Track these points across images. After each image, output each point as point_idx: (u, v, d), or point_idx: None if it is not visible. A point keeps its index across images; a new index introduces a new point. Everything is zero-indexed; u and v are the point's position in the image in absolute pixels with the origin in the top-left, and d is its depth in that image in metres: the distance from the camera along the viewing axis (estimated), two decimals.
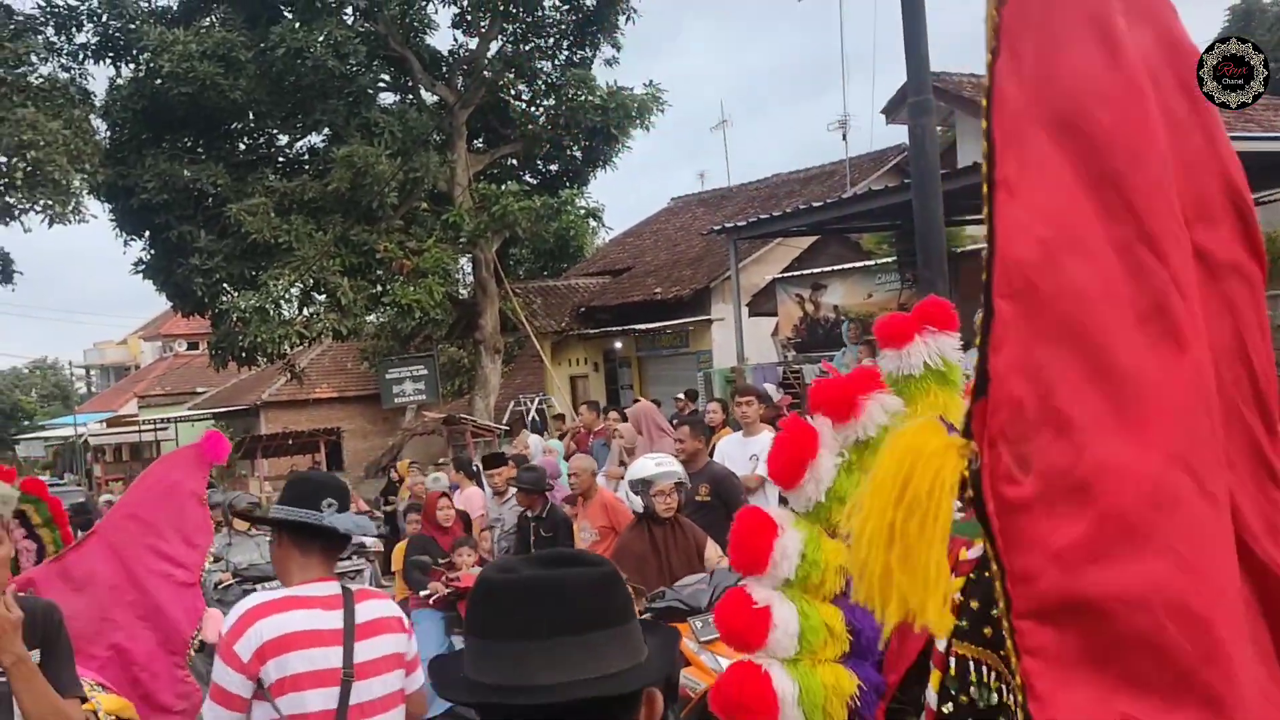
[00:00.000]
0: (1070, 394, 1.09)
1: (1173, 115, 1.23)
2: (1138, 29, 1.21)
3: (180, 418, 38.38)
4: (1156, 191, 1.16)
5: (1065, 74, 1.16)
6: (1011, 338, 1.11)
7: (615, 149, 23.90)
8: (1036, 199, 1.13)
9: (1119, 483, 1.10)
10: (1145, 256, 1.15)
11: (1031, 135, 1.14)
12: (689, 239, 26.14)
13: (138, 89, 20.75)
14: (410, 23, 22.32)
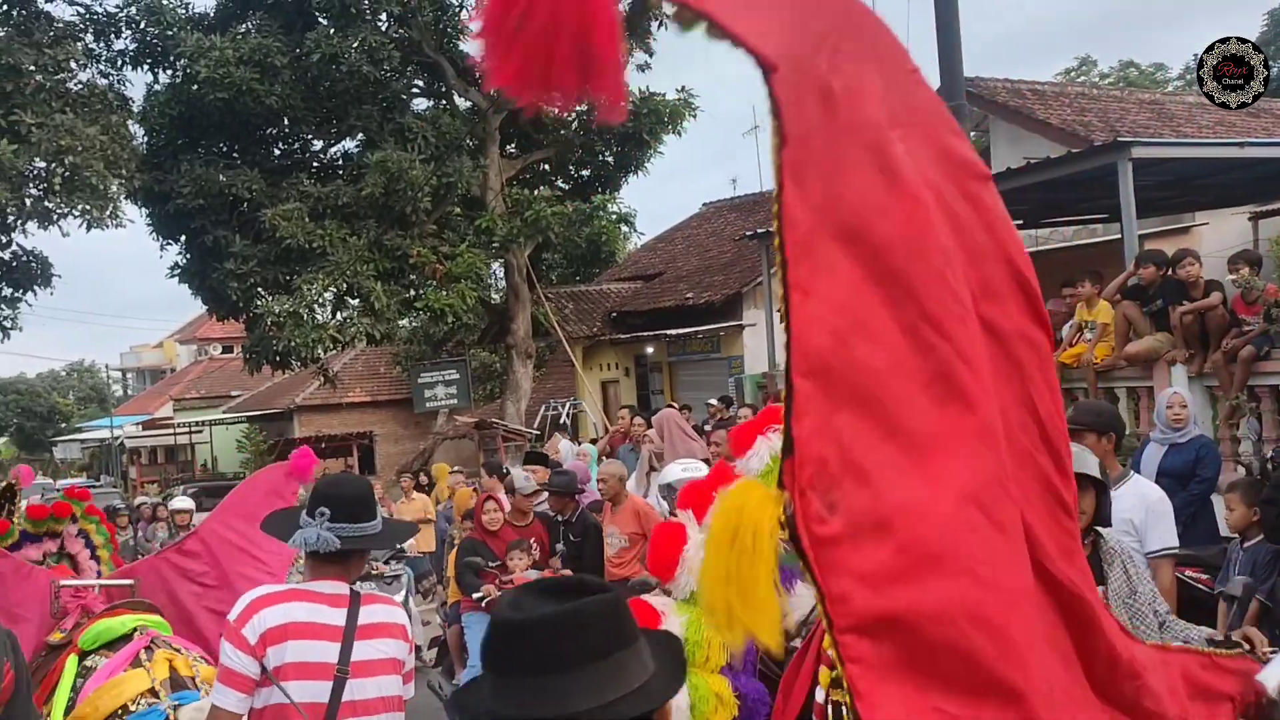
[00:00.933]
0: (866, 450, 1.30)
1: (956, 217, 1.46)
2: (917, 150, 1.41)
3: (215, 421, 38.67)
4: (937, 281, 1.39)
5: (850, 196, 1.35)
6: (811, 408, 1.30)
7: (647, 154, 23.89)
8: (829, 296, 1.33)
9: (916, 518, 1.31)
10: (929, 334, 1.38)
11: (822, 247, 1.33)
12: (721, 244, 26.08)
13: (175, 95, 20.96)
14: (444, 28, 22.38)
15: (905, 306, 1.37)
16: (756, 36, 1.24)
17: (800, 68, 1.29)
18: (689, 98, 23.32)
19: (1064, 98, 19.56)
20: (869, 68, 1.39)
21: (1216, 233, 15.81)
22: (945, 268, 1.40)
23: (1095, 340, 10.31)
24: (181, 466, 41.64)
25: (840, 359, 1.32)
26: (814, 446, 1.28)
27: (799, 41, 1.31)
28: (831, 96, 1.33)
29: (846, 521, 1.28)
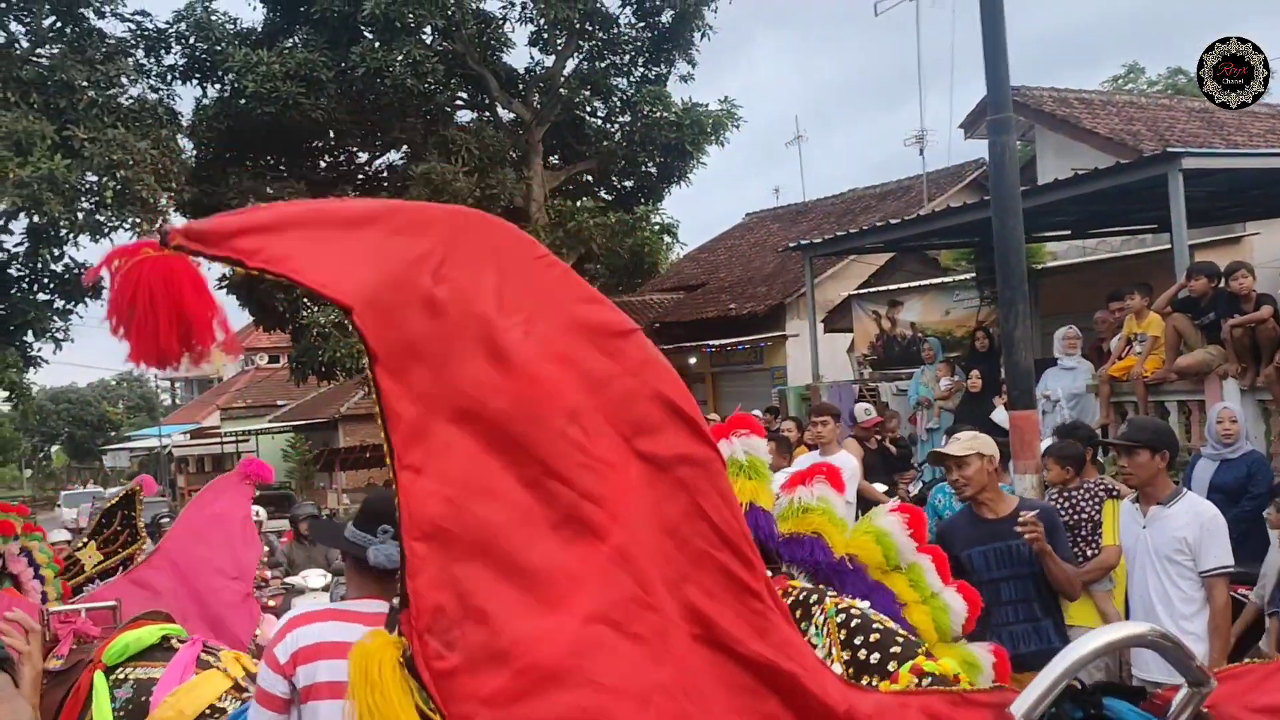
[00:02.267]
0: (486, 594, 1.51)
1: (591, 375, 1.67)
2: (540, 328, 1.64)
3: (261, 430, 39.05)
4: (558, 439, 1.61)
5: (462, 383, 1.57)
6: (425, 567, 1.50)
7: (690, 165, 23.89)
8: (444, 471, 1.52)
9: (533, 645, 1.51)
10: (552, 485, 1.59)
11: (432, 430, 1.53)
12: (764, 255, 26.02)
13: (223, 109, 21.24)
14: (488, 41, 22.53)
15: (527, 465, 1.59)
16: (330, 283, 1.49)
17: (391, 291, 1.53)
18: (731, 108, 23.31)
19: (1111, 106, 19.39)
20: (483, 269, 1.62)
21: (1268, 243, 15.56)
22: (568, 426, 1.63)
23: (1145, 353, 10.19)
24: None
25: (456, 521, 1.52)
26: (429, 598, 1.49)
27: (388, 271, 1.54)
28: (436, 304, 1.56)
29: (465, 656, 1.48)
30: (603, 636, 1.59)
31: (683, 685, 1.66)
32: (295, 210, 1.59)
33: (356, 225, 1.58)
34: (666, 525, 1.73)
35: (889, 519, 3.29)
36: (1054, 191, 12.62)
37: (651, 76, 23.38)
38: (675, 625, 1.69)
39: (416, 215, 1.65)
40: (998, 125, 8.95)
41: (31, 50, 20.14)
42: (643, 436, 1.74)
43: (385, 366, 1.55)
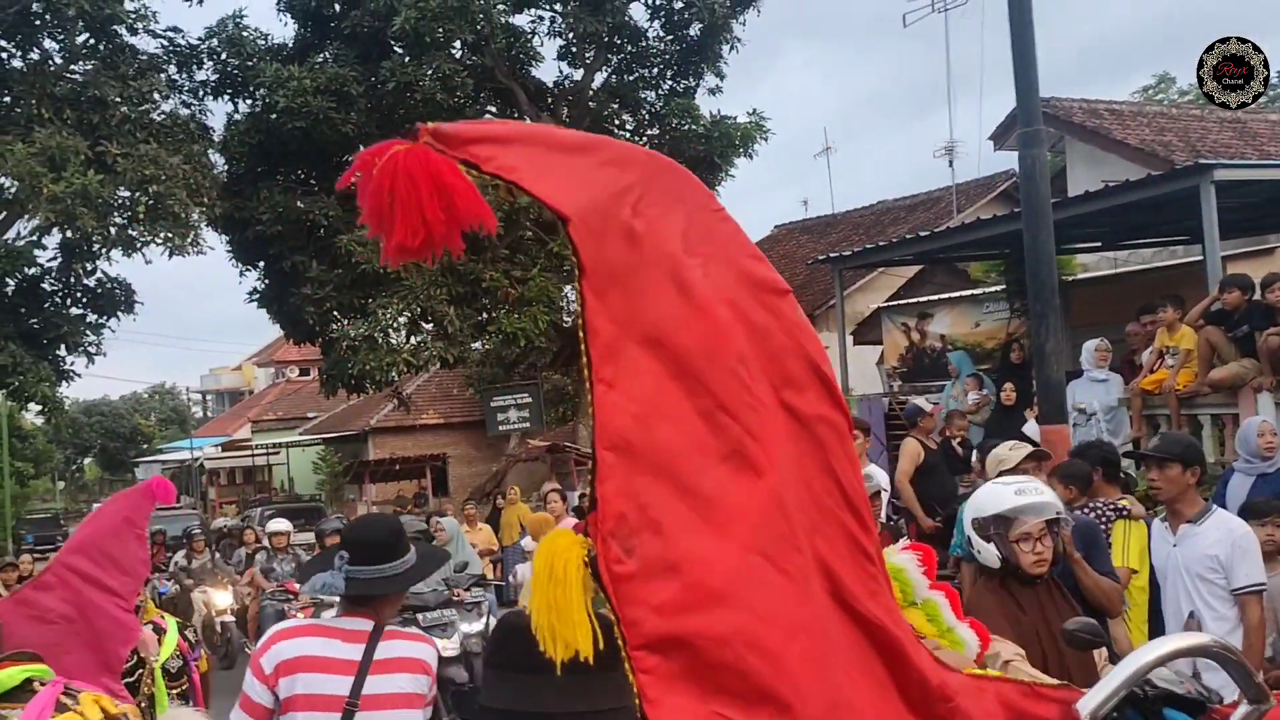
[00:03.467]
0: (662, 509, 1.61)
1: (754, 325, 1.80)
2: (716, 272, 1.77)
3: (291, 443, 39.22)
4: (730, 378, 1.73)
5: (651, 312, 1.68)
6: (612, 475, 1.60)
7: (718, 177, 23.84)
8: (631, 389, 1.64)
9: (702, 563, 1.62)
10: (724, 419, 1.71)
11: (625, 350, 1.65)
12: (792, 266, 25.98)
13: (254, 124, 21.39)
14: (516, 55, 22.63)
15: (703, 397, 1.70)
16: (553, 195, 1.59)
17: (598, 215, 1.64)
18: (760, 120, 23.28)
19: (1142, 117, 19.26)
20: (673, 210, 1.76)
21: None
22: (738, 366, 1.75)
23: (1178, 366, 10.10)
24: (259, 488, 42.25)
25: (640, 437, 1.63)
26: (615, 504, 1.58)
27: (597, 196, 1.65)
28: (634, 235, 1.68)
29: (641, 563, 1.58)
30: (759, 567, 1.69)
31: (821, 628, 1.78)
32: (524, 129, 1.71)
33: (574, 150, 1.71)
34: (804, 478, 1.85)
35: (902, 556, 3.31)
36: (1085, 203, 12.54)
37: (680, 89, 23.39)
38: (813, 571, 1.80)
39: (623, 151, 1.78)
40: (1028, 138, 8.91)
41: (65, 67, 20.37)
42: (790, 390, 1.85)
43: (590, 283, 1.62)
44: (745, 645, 1.63)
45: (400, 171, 1.51)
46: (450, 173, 1.52)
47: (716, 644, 1.61)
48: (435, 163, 1.51)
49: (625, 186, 1.70)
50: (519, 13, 22.73)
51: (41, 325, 20.48)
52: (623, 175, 1.71)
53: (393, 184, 1.51)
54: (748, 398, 1.75)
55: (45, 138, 17.88)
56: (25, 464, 50.76)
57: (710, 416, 1.70)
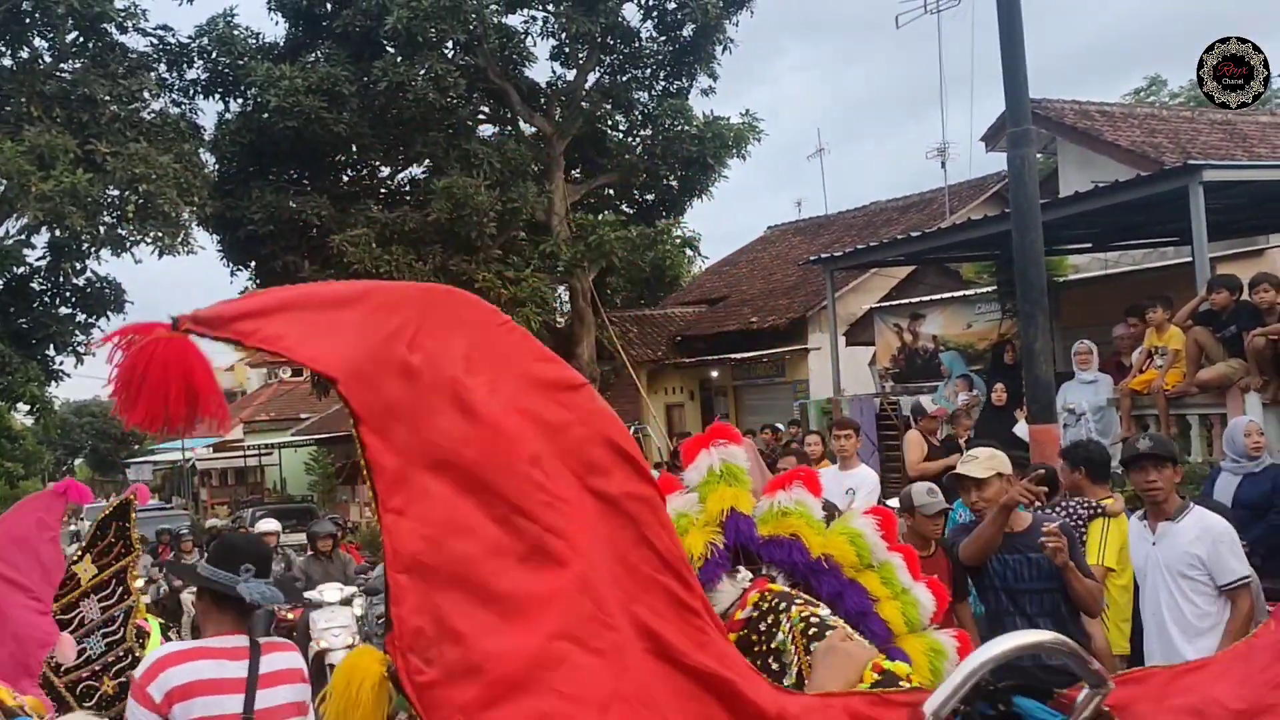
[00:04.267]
0: (459, 617, 1.74)
1: (548, 423, 1.92)
2: (503, 385, 1.89)
3: (284, 443, 39.17)
4: (524, 481, 1.85)
5: (435, 436, 1.81)
6: (407, 596, 1.73)
7: (711, 178, 23.85)
8: (422, 513, 1.76)
9: (503, 660, 1.74)
10: (519, 521, 1.83)
11: (412, 478, 1.77)
12: (785, 268, 25.99)
13: (245, 123, 21.36)
14: (509, 55, 22.60)
15: (496, 505, 1.83)
16: (318, 359, 1.73)
17: (370, 363, 1.78)
18: (753, 120, 23.29)
19: (1133, 119, 19.28)
20: (453, 336, 1.88)
21: None
22: (531, 470, 1.88)
23: (1166, 367, 10.11)
24: (252, 489, 42.19)
25: (433, 556, 1.76)
26: (410, 622, 1.73)
27: (366, 345, 1.79)
28: (410, 370, 1.81)
29: (442, 670, 1.71)
30: (566, 651, 1.82)
31: (638, 694, 1.90)
32: (287, 294, 1.82)
33: (340, 306, 1.83)
34: (618, 554, 1.99)
35: (862, 520, 3.52)
36: (1074, 204, 12.54)
37: (673, 90, 23.39)
38: (630, 641, 1.94)
39: (393, 293, 1.91)
40: (1017, 138, 8.91)
41: (54, 65, 20.32)
42: (595, 476, 2.00)
43: (368, 426, 1.78)
44: None
45: (155, 359, 1.62)
46: (201, 371, 1.66)
47: None
48: (190, 359, 1.64)
49: (397, 328, 1.83)
50: (512, 13, 22.72)
51: (30, 325, 20.42)
52: (393, 317, 1.84)
53: (145, 369, 1.62)
54: (544, 496, 1.89)
55: (34, 136, 17.83)
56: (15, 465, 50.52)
57: (506, 521, 1.85)
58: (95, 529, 5.91)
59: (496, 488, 1.85)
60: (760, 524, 3.45)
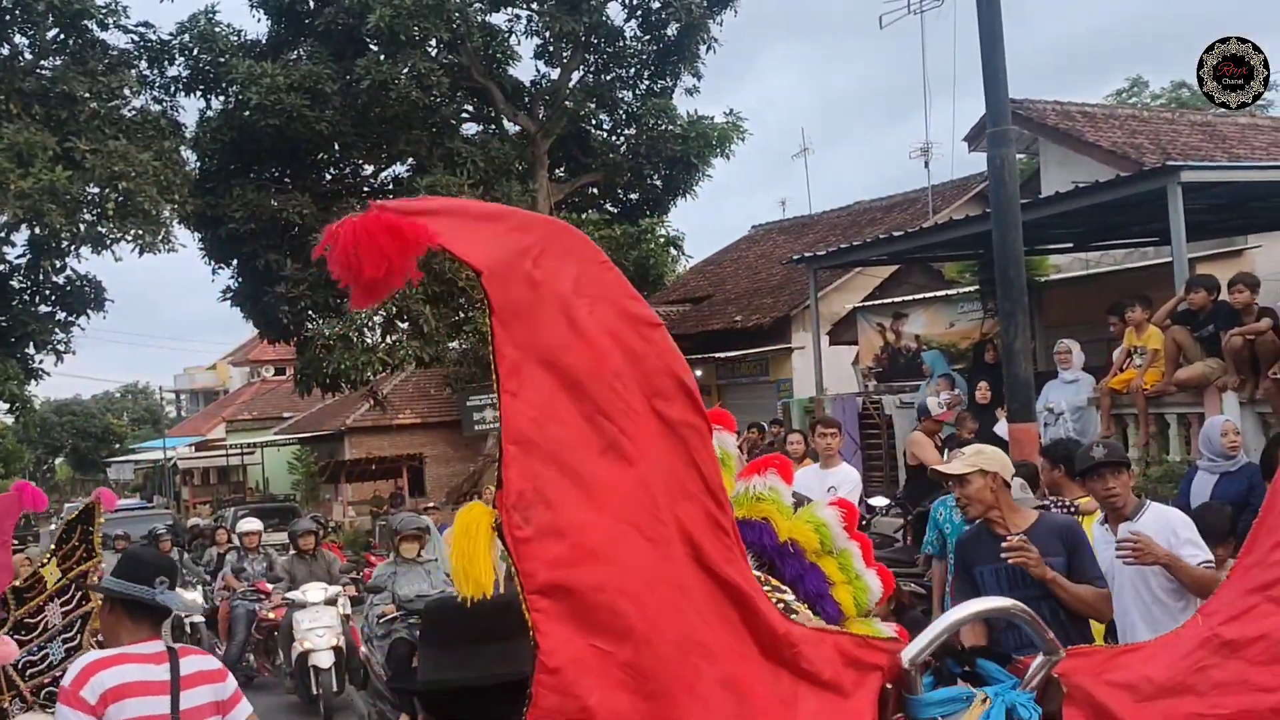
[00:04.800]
0: (553, 488, 2.09)
1: (631, 349, 2.29)
2: (600, 310, 2.25)
3: (266, 442, 39.05)
4: (608, 390, 2.21)
5: (545, 339, 2.16)
6: (515, 461, 2.07)
7: (696, 177, 23.85)
8: (530, 398, 2.12)
9: (582, 529, 2.10)
10: (601, 421, 2.20)
11: (525, 369, 2.13)
12: (769, 267, 26.02)
13: (227, 121, 21.25)
14: (493, 54, 22.56)
15: (586, 404, 2.19)
16: (470, 253, 2.09)
17: (505, 266, 2.13)
18: (737, 120, 23.30)
19: (1114, 120, 19.37)
20: (566, 263, 2.25)
21: (1270, 255, 15.50)
22: (615, 382, 2.25)
23: (1145, 366, 10.16)
24: (234, 488, 42.04)
25: (537, 434, 2.11)
26: (516, 484, 2.06)
27: (504, 252, 2.15)
28: (534, 281, 2.17)
29: (535, 529, 2.05)
30: (628, 534, 2.18)
31: (679, 582, 2.26)
32: (450, 204, 2.23)
33: (487, 219, 2.21)
34: (671, 468, 2.33)
35: (827, 511, 3.80)
36: (1054, 204, 12.60)
37: (657, 89, 23.38)
38: (675, 539, 2.29)
39: (527, 218, 2.28)
40: (996, 138, 8.95)
41: (34, 62, 20.17)
42: (660, 400, 2.34)
43: (499, 318, 2.11)
44: (615, 591, 2.13)
45: (360, 227, 1.96)
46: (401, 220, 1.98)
47: (593, 590, 2.11)
48: (386, 216, 1.98)
49: (527, 245, 2.19)
50: (495, 11, 22.67)
51: (9, 323, 20.26)
52: (525, 237, 2.20)
53: (355, 235, 1.95)
54: (622, 405, 2.25)
55: (13, 133, 17.72)
56: None
57: (591, 419, 2.20)
58: (61, 532, 5.86)
59: (587, 390, 2.19)
60: (736, 506, 3.61)
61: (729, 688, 2.31)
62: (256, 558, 13.35)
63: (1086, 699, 2.63)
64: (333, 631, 10.57)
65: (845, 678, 2.52)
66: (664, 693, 2.20)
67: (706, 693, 2.27)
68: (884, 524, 12.68)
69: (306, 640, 10.51)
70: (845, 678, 2.52)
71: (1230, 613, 2.73)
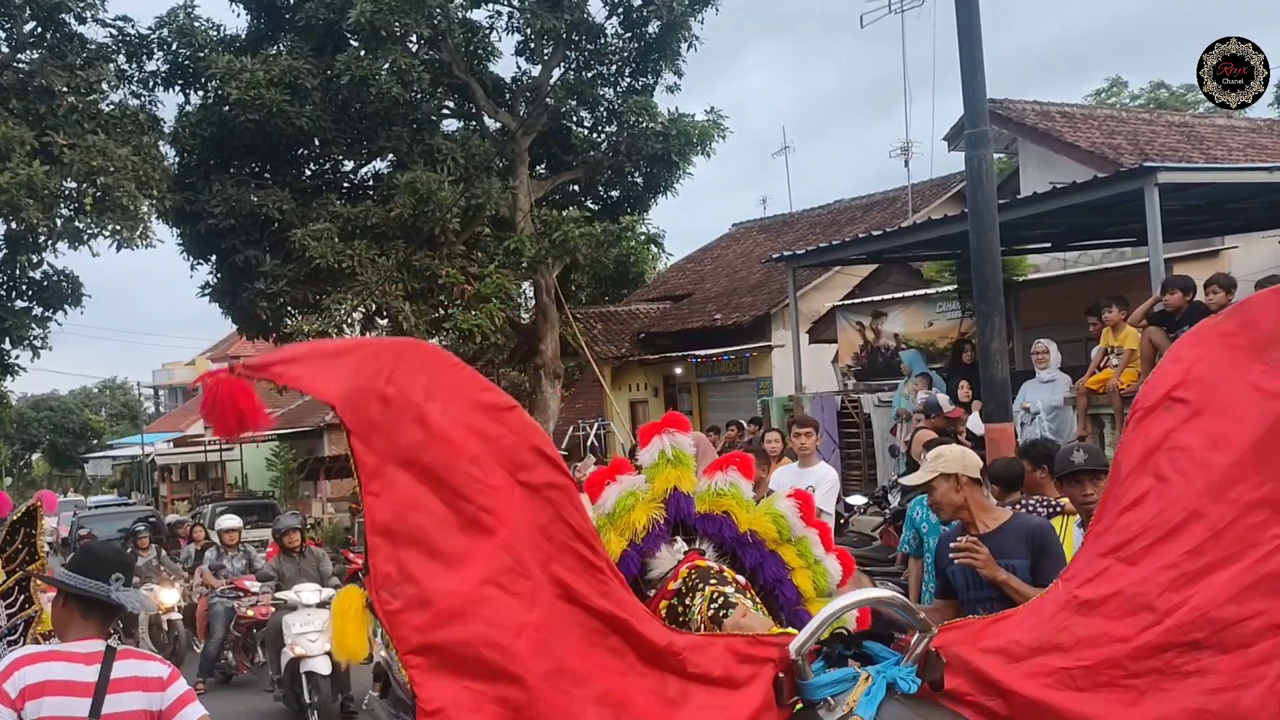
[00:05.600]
0: (416, 567, 2.50)
1: (486, 434, 2.68)
2: (453, 408, 2.67)
3: (245, 439, 38.82)
4: (464, 476, 2.62)
5: (402, 443, 2.62)
6: (380, 551, 2.49)
7: (676, 175, 23.80)
8: (391, 495, 2.55)
9: (445, 597, 2.51)
10: (460, 503, 2.61)
11: (385, 471, 2.55)
12: (750, 265, 26.05)
13: (206, 116, 21.14)
14: (474, 50, 22.48)
15: (444, 490, 2.59)
16: (325, 390, 2.55)
17: (359, 392, 2.55)
18: (718, 118, 23.26)
19: (1093, 120, 19.47)
20: (417, 374, 2.65)
21: (1247, 256, 15.61)
22: (471, 466, 2.63)
23: (1122, 366, 10.22)
24: (212, 484, 41.84)
25: (399, 524, 2.53)
26: (382, 568, 2.48)
27: (357, 379, 2.57)
28: (386, 397, 2.58)
29: (403, 603, 2.48)
30: (491, 593, 2.57)
31: (546, 624, 2.64)
32: (303, 349, 2.75)
33: (340, 354, 2.66)
34: (539, 526, 2.72)
35: (784, 503, 4.06)
36: (1031, 205, 12.66)
37: (638, 87, 23.34)
38: (543, 588, 2.68)
39: (378, 344, 2.77)
40: (974, 139, 8.96)
41: (11, 56, 20.00)
42: (522, 471, 2.74)
43: (356, 435, 2.54)
44: (481, 644, 2.52)
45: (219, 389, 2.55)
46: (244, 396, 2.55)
47: (459, 645, 2.51)
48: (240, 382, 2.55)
49: (379, 368, 2.61)
50: (476, 8, 22.63)
51: None
52: (376, 361, 2.65)
53: (215, 399, 2.55)
54: (480, 485, 2.65)
55: None
56: None
57: (450, 503, 2.60)
58: (6, 534, 5.79)
59: (444, 479, 2.59)
60: (699, 501, 3.99)
61: (604, 703, 2.69)
62: (236, 555, 13.27)
63: (964, 666, 2.95)
64: (326, 637, 9.78)
65: (739, 672, 2.89)
66: (539, 718, 2.57)
67: (580, 712, 2.65)
68: (862, 523, 12.73)
69: (299, 645, 9.85)
70: (739, 672, 2.89)
71: (1086, 575, 3.03)
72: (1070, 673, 2.93)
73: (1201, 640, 2.87)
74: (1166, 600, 2.92)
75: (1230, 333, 3.17)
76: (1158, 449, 3.07)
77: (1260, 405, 3.01)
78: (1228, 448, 2.99)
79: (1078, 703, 2.87)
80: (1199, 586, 2.92)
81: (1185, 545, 2.95)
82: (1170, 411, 3.10)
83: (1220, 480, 2.97)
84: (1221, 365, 3.10)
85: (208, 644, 12.70)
